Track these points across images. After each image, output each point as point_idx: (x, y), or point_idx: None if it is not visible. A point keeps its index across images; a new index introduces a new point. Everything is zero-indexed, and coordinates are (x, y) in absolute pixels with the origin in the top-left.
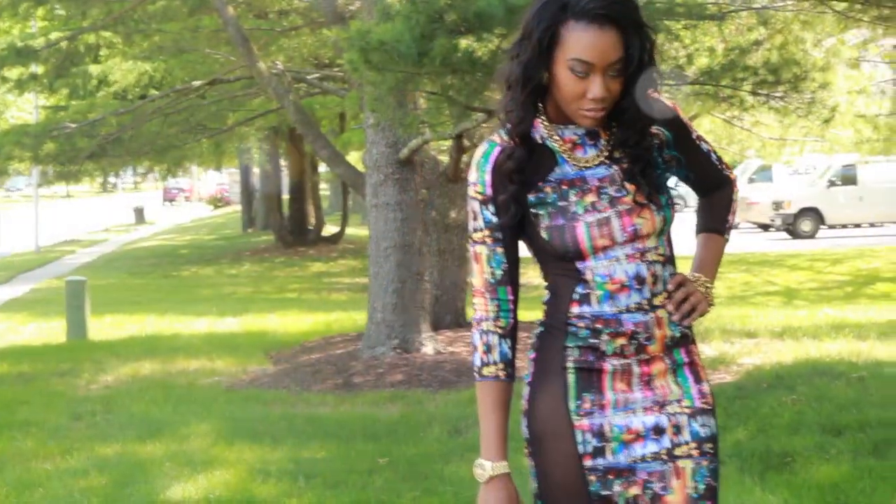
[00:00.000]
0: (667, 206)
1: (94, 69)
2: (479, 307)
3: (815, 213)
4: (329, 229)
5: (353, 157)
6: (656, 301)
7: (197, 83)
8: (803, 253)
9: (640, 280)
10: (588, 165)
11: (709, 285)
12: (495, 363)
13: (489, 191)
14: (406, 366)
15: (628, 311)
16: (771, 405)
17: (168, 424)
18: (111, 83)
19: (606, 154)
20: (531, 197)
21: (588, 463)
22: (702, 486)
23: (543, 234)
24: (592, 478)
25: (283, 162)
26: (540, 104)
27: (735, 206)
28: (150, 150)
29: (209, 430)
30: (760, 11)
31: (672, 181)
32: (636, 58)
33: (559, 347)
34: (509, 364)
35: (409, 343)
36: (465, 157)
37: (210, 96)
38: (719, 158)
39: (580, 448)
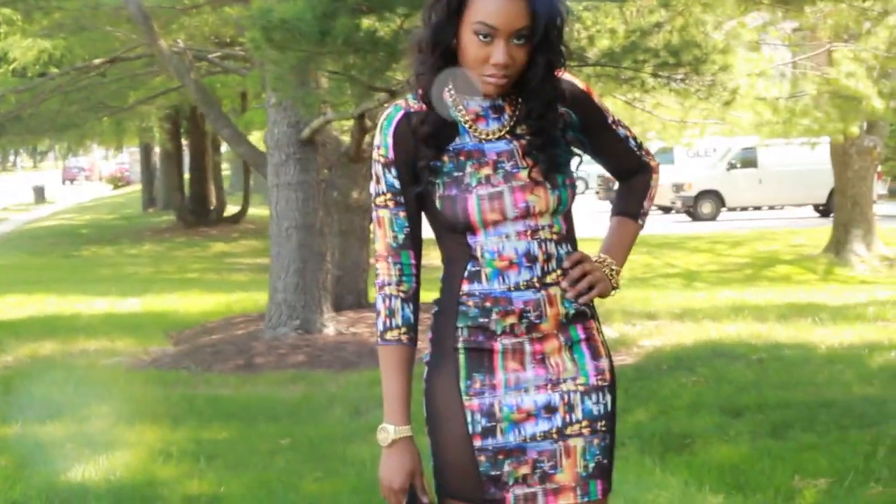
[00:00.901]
0: (563, 186)
1: None
2: (382, 271)
3: (715, 196)
4: (230, 209)
5: (255, 137)
6: (548, 279)
7: (98, 61)
8: (704, 235)
9: (530, 258)
10: (489, 138)
11: (614, 268)
12: (398, 327)
13: (391, 154)
14: (308, 347)
15: (517, 288)
16: (671, 387)
17: (68, 405)
18: (10, 61)
19: (509, 129)
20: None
21: (477, 443)
22: (591, 465)
23: (437, 204)
24: (482, 458)
25: (184, 141)
26: None
27: (653, 192)
28: (51, 129)
29: (110, 412)
30: None
31: (574, 162)
32: (541, 28)
33: (451, 327)
34: (412, 328)
35: (310, 324)
36: (367, 138)
37: (111, 74)
38: (639, 144)
39: (470, 428)
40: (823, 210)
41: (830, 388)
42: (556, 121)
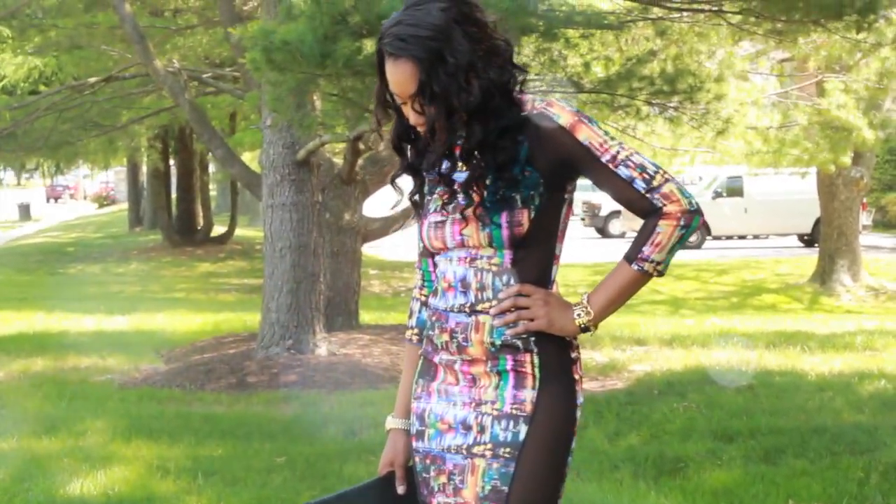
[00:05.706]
0: (495, 225)
1: None
2: (416, 276)
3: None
4: (217, 230)
5: (245, 158)
6: (479, 307)
7: (92, 80)
8: (689, 263)
9: (465, 284)
10: (460, 169)
11: (587, 310)
12: (412, 328)
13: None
14: (300, 366)
15: (452, 310)
16: (663, 411)
17: (63, 420)
18: (0, 78)
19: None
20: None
21: (413, 443)
22: (488, 487)
23: None
24: (416, 459)
25: (171, 161)
26: None
27: (660, 238)
28: (44, 147)
29: (105, 427)
30: (657, 22)
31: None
32: (431, 89)
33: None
34: (424, 330)
35: (302, 344)
36: (360, 160)
37: (102, 93)
38: (653, 187)
39: (412, 429)
40: (808, 240)
41: (821, 415)
42: (484, 163)
